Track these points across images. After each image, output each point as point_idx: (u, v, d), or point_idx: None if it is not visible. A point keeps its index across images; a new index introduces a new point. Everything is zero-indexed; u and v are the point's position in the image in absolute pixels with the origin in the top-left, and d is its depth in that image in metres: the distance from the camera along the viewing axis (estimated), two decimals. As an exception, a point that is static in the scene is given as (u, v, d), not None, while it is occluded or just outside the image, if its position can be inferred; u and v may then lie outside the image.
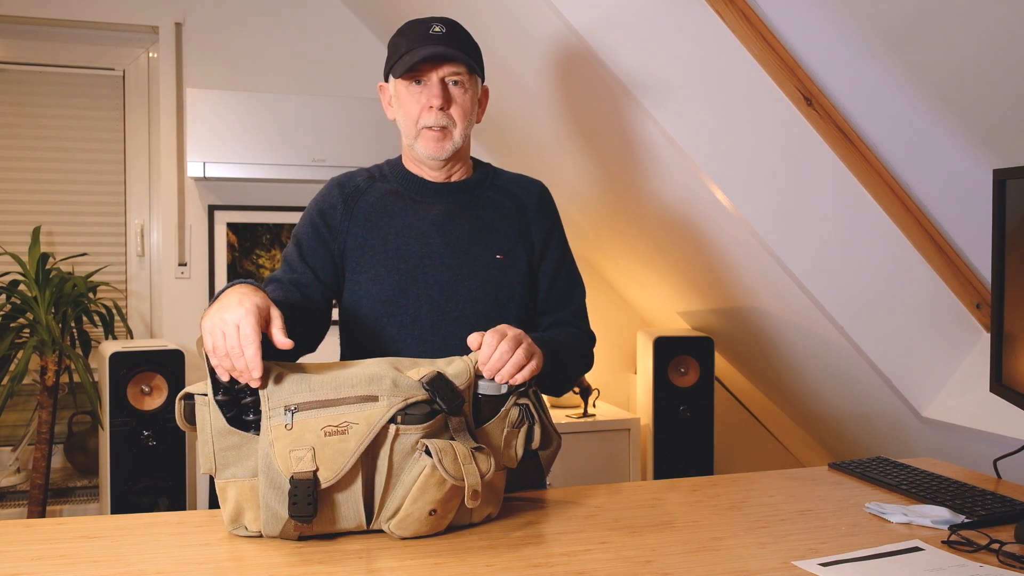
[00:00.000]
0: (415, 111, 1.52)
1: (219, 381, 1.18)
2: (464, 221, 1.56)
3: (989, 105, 2.05)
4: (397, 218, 1.55)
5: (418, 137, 1.53)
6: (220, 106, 2.99)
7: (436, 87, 1.50)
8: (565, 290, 1.64)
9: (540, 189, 1.67)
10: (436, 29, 1.51)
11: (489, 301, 1.54)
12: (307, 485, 1.13)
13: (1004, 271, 1.48)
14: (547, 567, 1.11)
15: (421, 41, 1.50)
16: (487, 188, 1.62)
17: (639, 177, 2.56)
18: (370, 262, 1.53)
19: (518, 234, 1.59)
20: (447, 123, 1.51)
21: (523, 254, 1.59)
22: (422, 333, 1.50)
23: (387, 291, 1.52)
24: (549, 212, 1.66)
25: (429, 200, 1.57)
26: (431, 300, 1.52)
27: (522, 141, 3.08)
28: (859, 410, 2.61)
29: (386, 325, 1.52)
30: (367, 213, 1.56)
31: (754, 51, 2.12)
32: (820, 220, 2.22)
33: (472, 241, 1.55)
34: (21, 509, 3.00)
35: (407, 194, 1.58)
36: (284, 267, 1.57)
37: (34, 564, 1.11)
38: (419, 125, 1.52)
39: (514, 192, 1.63)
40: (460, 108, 1.52)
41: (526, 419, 1.30)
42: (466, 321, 1.51)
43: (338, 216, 1.55)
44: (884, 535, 1.25)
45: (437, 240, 1.54)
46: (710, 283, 2.84)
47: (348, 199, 1.56)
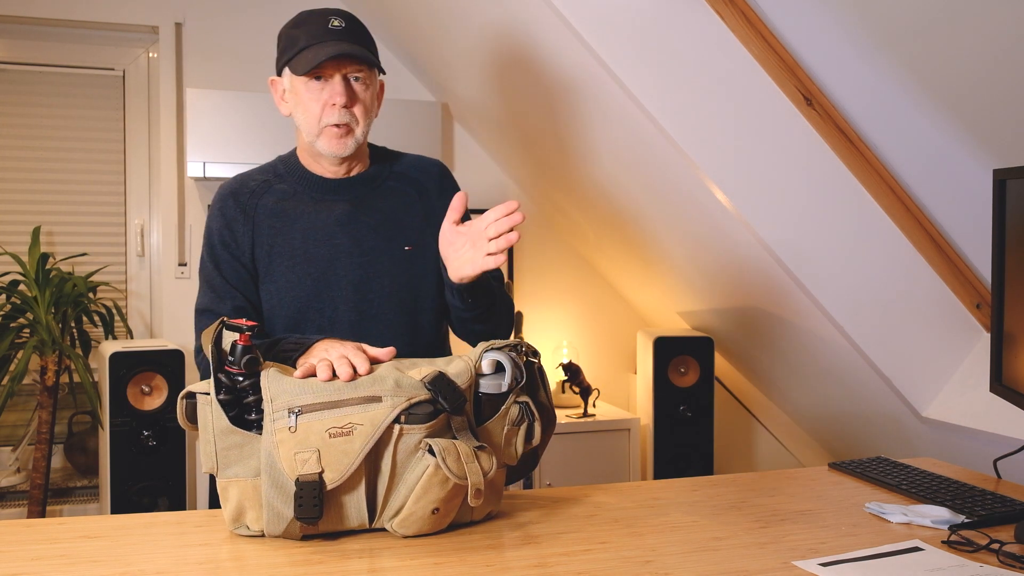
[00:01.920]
0: (316, 109, 1.50)
1: (221, 380, 1.19)
2: (368, 217, 1.55)
3: (989, 105, 2.05)
4: (300, 220, 1.53)
5: (320, 135, 1.51)
6: (220, 106, 2.99)
7: (339, 85, 1.48)
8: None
9: (439, 169, 1.65)
10: (335, 23, 1.49)
11: (404, 294, 1.54)
12: (313, 487, 1.13)
13: (1004, 271, 1.48)
14: (547, 567, 1.11)
15: (321, 36, 1.48)
16: (387, 177, 1.60)
17: (639, 177, 2.56)
18: (279, 268, 1.51)
19: (424, 221, 1.58)
20: (350, 120, 1.50)
21: (431, 241, 1.54)
22: (341, 334, 1.47)
23: (301, 297, 1.50)
24: (450, 190, 1.61)
25: (330, 198, 1.55)
26: (346, 300, 1.51)
27: (522, 142, 3.08)
28: (859, 410, 2.61)
29: (305, 330, 1.51)
30: (268, 219, 1.53)
31: (754, 51, 2.12)
32: (820, 220, 2.22)
33: (379, 236, 1.54)
34: (21, 509, 3.00)
35: (307, 194, 1.56)
36: (211, 296, 1.52)
37: (34, 564, 1.10)
38: (321, 123, 1.50)
39: (414, 177, 1.62)
40: (363, 105, 1.51)
41: (526, 417, 1.30)
42: (383, 317, 1.52)
43: (239, 227, 1.52)
44: (884, 535, 1.25)
45: (344, 239, 1.52)
46: (710, 283, 2.84)
47: (245, 207, 1.54)
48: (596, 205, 3.05)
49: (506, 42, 2.53)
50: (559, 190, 3.21)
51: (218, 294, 1.51)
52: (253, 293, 1.53)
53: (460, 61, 2.92)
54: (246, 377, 1.19)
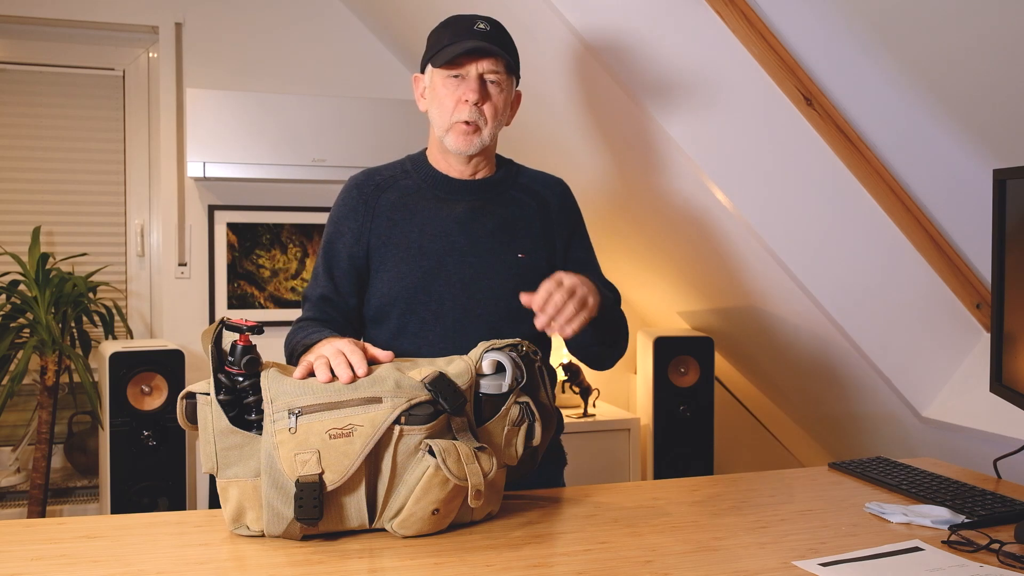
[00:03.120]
0: (450, 104, 1.52)
1: (221, 380, 1.19)
2: (487, 219, 1.57)
3: (989, 105, 2.05)
4: (420, 215, 1.56)
5: (449, 130, 1.53)
6: (220, 106, 2.99)
7: (474, 82, 1.51)
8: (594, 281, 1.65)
9: (562, 188, 1.68)
10: (480, 26, 1.52)
11: (510, 299, 1.53)
12: (313, 488, 1.13)
13: (1004, 271, 1.48)
14: (547, 567, 1.11)
15: (465, 35, 1.51)
16: (510, 186, 1.62)
17: (639, 177, 2.56)
18: (393, 259, 1.54)
19: (540, 233, 1.60)
20: (479, 119, 1.52)
21: (544, 253, 1.60)
22: (444, 330, 1.51)
23: (409, 288, 1.53)
24: (571, 211, 1.67)
25: (453, 197, 1.58)
26: (453, 297, 1.53)
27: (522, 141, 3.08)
28: (859, 410, 2.61)
29: (409, 321, 1.53)
30: (389, 211, 1.56)
31: (754, 51, 2.12)
32: (820, 220, 2.22)
33: (494, 239, 1.56)
34: (21, 509, 3.00)
35: (430, 191, 1.58)
36: (312, 281, 1.61)
37: (34, 564, 1.11)
38: (453, 118, 1.52)
39: (537, 191, 1.64)
40: (493, 106, 1.53)
41: (526, 417, 1.30)
42: (487, 319, 1.53)
43: (359, 218, 1.57)
44: (884, 535, 1.25)
45: (460, 238, 1.54)
46: (710, 283, 2.84)
47: (368, 199, 1.58)
48: (596, 205, 3.06)
49: (506, 42, 2.52)
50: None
51: (316, 281, 1.59)
52: (349, 284, 1.57)
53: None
54: (246, 377, 1.19)
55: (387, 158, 1.68)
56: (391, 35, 3.25)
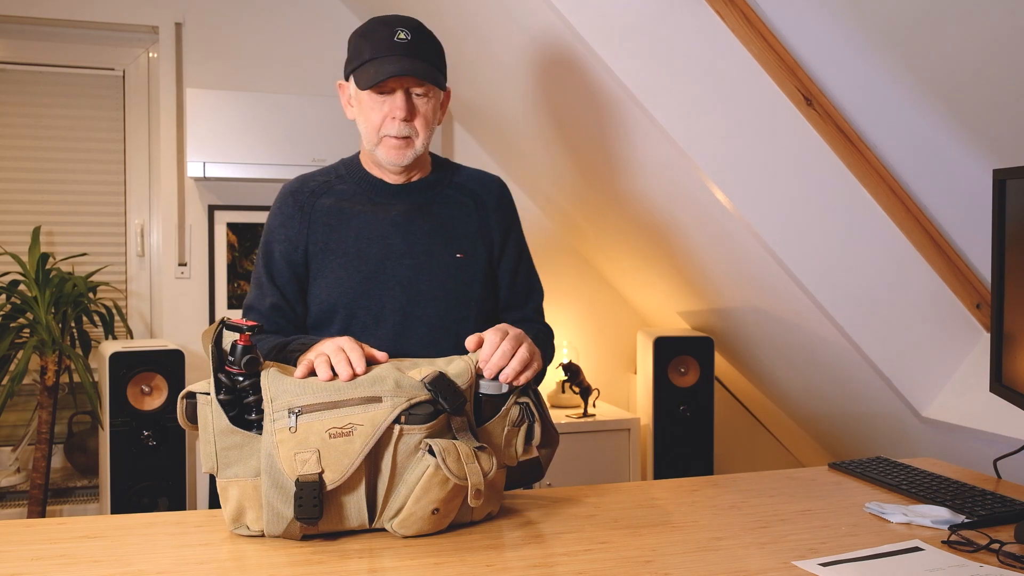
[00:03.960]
0: (377, 119, 1.52)
1: (222, 380, 1.19)
2: (424, 221, 1.57)
3: (989, 105, 2.05)
4: (356, 219, 1.55)
5: (379, 144, 1.53)
6: (220, 106, 2.99)
7: (400, 99, 1.49)
8: (524, 288, 1.67)
9: (499, 185, 1.68)
10: (401, 36, 1.49)
11: (450, 300, 1.55)
12: (313, 487, 1.13)
13: (1004, 271, 1.48)
14: (547, 567, 1.11)
15: (386, 50, 1.48)
16: (446, 186, 1.62)
17: (639, 177, 2.56)
18: (331, 265, 1.54)
19: (477, 232, 1.61)
20: (410, 133, 1.51)
21: (482, 252, 1.60)
22: (385, 333, 1.51)
23: (349, 293, 1.53)
24: (508, 209, 1.67)
25: (389, 201, 1.58)
26: (393, 300, 1.53)
27: (522, 141, 3.08)
28: (859, 410, 2.61)
29: (350, 326, 1.53)
30: (325, 216, 1.56)
31: (754, 51, 2.12)
32: (820, 220, 2.22)
33: (432, 241, 1.56)
34: (21, 509, 3.00)
35: (365, 195, 1.58)
36: (256, 292, 1.58)
37: (34, 564, 1.11)
38: (381, 133, 1.52)
39: (473, 189, 1.64)
40: (423, 119, 1.52)
41: (526, 418, 1.30)
42: (428, 320, 1.53)
43: (295, 224, 1.56)
44: (884, 535, 1.25)
45: (397, 240, 1.54)
46: (710, 283, 2.84)
47: (303, 205, 1.57)
48: (596, 205, 3.06)
49: (506, 43, 2.53)
50: (559, 190, 3.21)
51: (261, 291, 1.57)
52: (294, 292, 1.56)
53: (461, 62, 2.92)
54: (246, 377, 1.19)
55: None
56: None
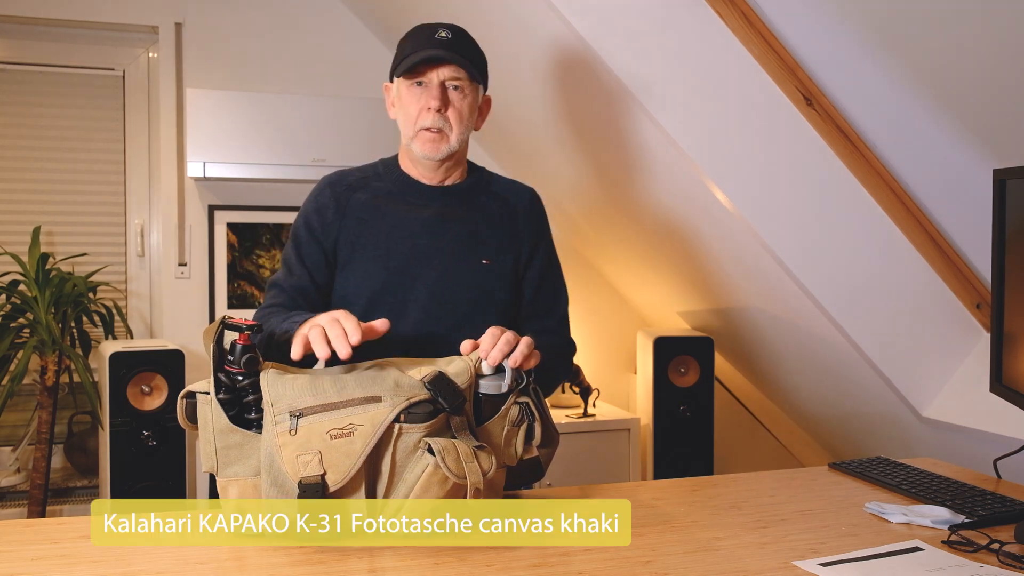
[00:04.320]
0: (414, 111, 1.55)
1: (221, 380, 1.19)
2: (454, 225, 1.59)
3: (989, 105, 2.05)
4: (389, 217, 1.58)
5: (415, 137, 1.55)
6: (220, 106, 2.99)
7: (436, 89, 1.52)
8: (549, 299, 1.68)
9: (531, 196, 1.69)
10: (442, 34, 1.54)
11: (473, 304, 1.57)
12: (316, 489, 1.14)
13: (1004, 271, 1.48)
14: (547, 567, 1.11)
15: (426, 45, 1.53)
16: (480, 193, 1.64)
17: (639, 177, 2.56)
18: (359, 259, 1.56)
19: (507, 240, 1.62)
20: (443, 125, 1.54)
21: (510, 260, 1.61)
22: (407, 330, 1.52)
23: (374, 288, 1.55)
24: (538, 219, 1.68)
25: (422, 202, 1.60)
26: (417, 299, 1.54)
27: (523, 141, 3.08)
28: (859, 410, 2.61)
29: (372, 319, 1.52)
30: (359, 211, 1.58)
31: (754, 51, 2.12)
32: (820, 220, 2.22)
33: (460, 245, 1.58)
34: (21, 509, 3.00)
35: (400, 195, 1.60)
36: (284, 271, 1.60)
37: (34, 564, 1.11)
38: (417, 125, 1.54)
39: (506, 198, 1.66)
40: (457, 112, 1.54)
41: (526, 417, 1.30)
42: (450, 323, 1.54)
43: (330, 214, 1.58)
44: (884, 535, 1.25)
45: (426, 241, 1.56)
46: (710, 283, 2.84)
47: (339, 197, 1.59)
48: (596, 205, 3.06)
49: (507, 43, 2.53)
50: (559, 190, 3.21)
51: (290, 271, 1.58)
52: (322, 275, 1.58)
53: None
54: (245, 376, 1.19)
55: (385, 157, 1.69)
56: (391, 35, 3.25)
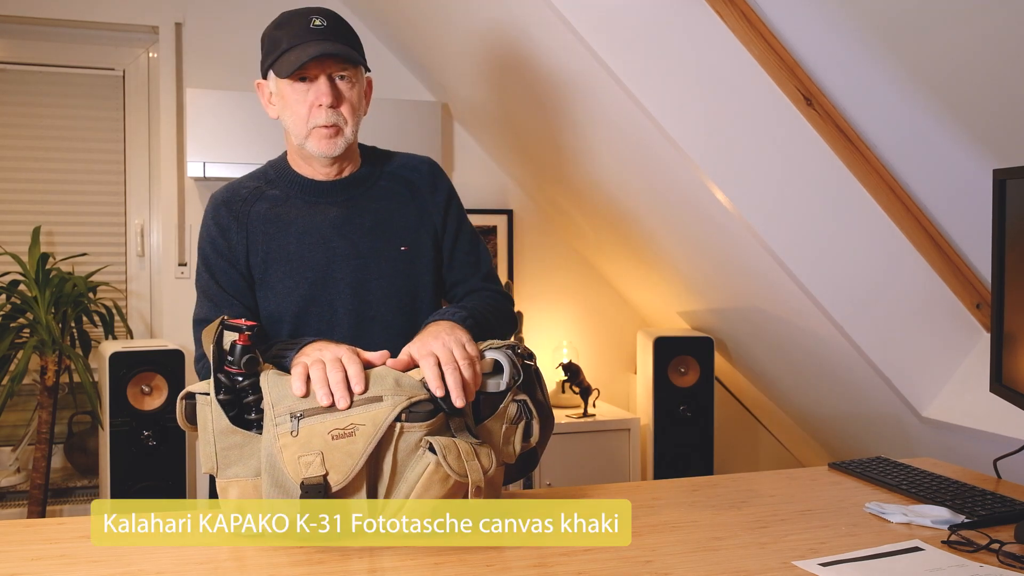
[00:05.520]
0: (303, 110, 1.48)
1: (221, 380, 1.18)
2: (362, 218, 1.54)
3: (989, 105, 2.05)
4: (294, 225, 1.51)
5: (309, 136, 1.49)
6: (220, 106, 2.99)
7: (324, 85, 1.46)
8: (469, 257, 1.62)
9: (429, 166, 1.64)
10: (317, 22, 1.47)
11: (402, 295, 1.53)
12: (318, 490, 1.13)
13: (1004, 271, 1.48)
14: (547, 567, 1.11)
15: (303, 37, 1.46)
16: (379, 177, 1.59)
17: (639, 177, 2.56)
18: (276, 274, 1.50)
19: (418, 220, 1.57)
20: (338, 120, 1.48)
21: (427, 239, 1.56)
22: (340, 337, 1.46)
23: (298, 302, 1.49)
24: (442, 187, 1.62)
25: (323, 201, 1.54)
26: (344, 303, 1.50)
27: (523, 142, 3.08)
28: (859, 410, 2.61)
29: (304, 333, 1.49)
30: (262, 225, 1.51)
31: (754, 51, 2.12)
32: (820, 220, 2.22)
33: (374, 237, 1.53)
34: (21, 509, 3.00)
35: (299, 198, 1.54)
36: (207, 305, 1.50)
37: (34, 564, 1.10)
38: (310, 124, 1.48)
39: (406, 176, 1.60)
40: (350, 104, 1.49)
41: (524, 415, 1.30)
42: (382, 319, 1.51)
43: (233, 235, 1.51)
44: (884, 535, 1.25)
45: (339, 242, 1.51)
46: (710, 283, 2.84)
47: (238, 216, 1.52)
48: (596, 205, 3.05)
49: (507, 43, 2.52)
50: (559, 190, 3.21)
51: (215, 303, 1.50)
52: (250, 299, 1.52)
53: (460, 61, 2.92)
54: (245, 377, 1.19)
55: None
56: (391, 35, 3.25)
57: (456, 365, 1.22)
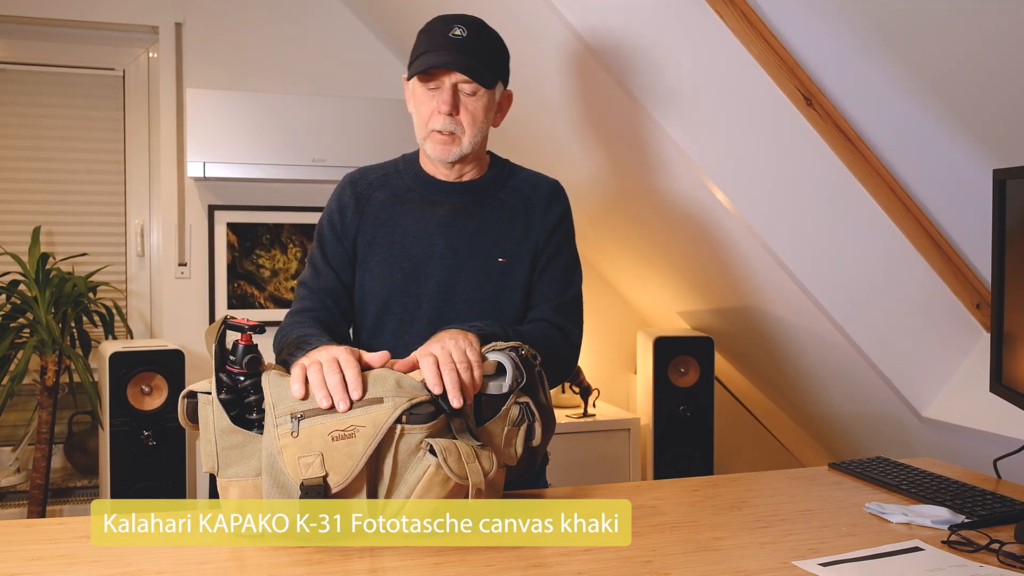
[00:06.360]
0: (426, 113, 1.53)
1: (223, 380, 1.19)
2: (468, 223, 1.57)
3: (990, 105, 2.05)
4: (406, 217, 1.57)
5: (427, 138, 1.54)
6: (220, 106, 2.99)
7: (447, 92, 1.50)
8: (552, 285, 1.60)
9: (551, 187, 1.65)
10: (457, 32, 1.51)
11: (488, 303, 1.55)
12: (318, 491, 1.13)
13: (1004, 271, 1.48)
14: (547, 567, 1.11)
15: (440, 44, 1.50)
16: (499, 188, 1.61)
17: (639, 177, 2.56)
18: (376, 259, 1.56)
19: (523, 235, 1.58)
20: (455, 128, 1.51)
21: (527, 256, 1.58)
22: (420, 331, 1.50)
23: (389, 289, 1.55)
24: (556, 208, 1.62)
25: (438, 200, 1.58)
26: (430, 300, 1.54)
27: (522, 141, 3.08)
28: (859, 410, 2.61)
29: (387, 321, 1.55)
30: (377, 211, 1.58)
31: (754, 51, 2.12)
32: (820, 220, 2.22)
33: (474, 243, 1.56)
34: (21, 509, 3.00)
35: (418, 192, 1.59)
36: (311, 271, 1.61)
37: (34, 564, 1.10)
38: (428, 127, 1.53)
39: (524, 192, 1.62)
40: (470, 115, 1.52)
41: (526, 417, 1.30)
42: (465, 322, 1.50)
43: (350, 214, 1.59)
44: (884, 535, 1.25)
45: (439, 241, 1.55)
46: (710, 283, 2.84)
47: (360, 197, 1.59)
48: (596, 205, 3.05)
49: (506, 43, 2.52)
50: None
51: (316, 271, 1.58)
52: (348, 275, 1.59)
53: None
54: (247, 376, 1.19)
55: (386, 158, 1.69)
56: (391, 35, 3.25)
57: (454, 366, 1.22)
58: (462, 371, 1.22)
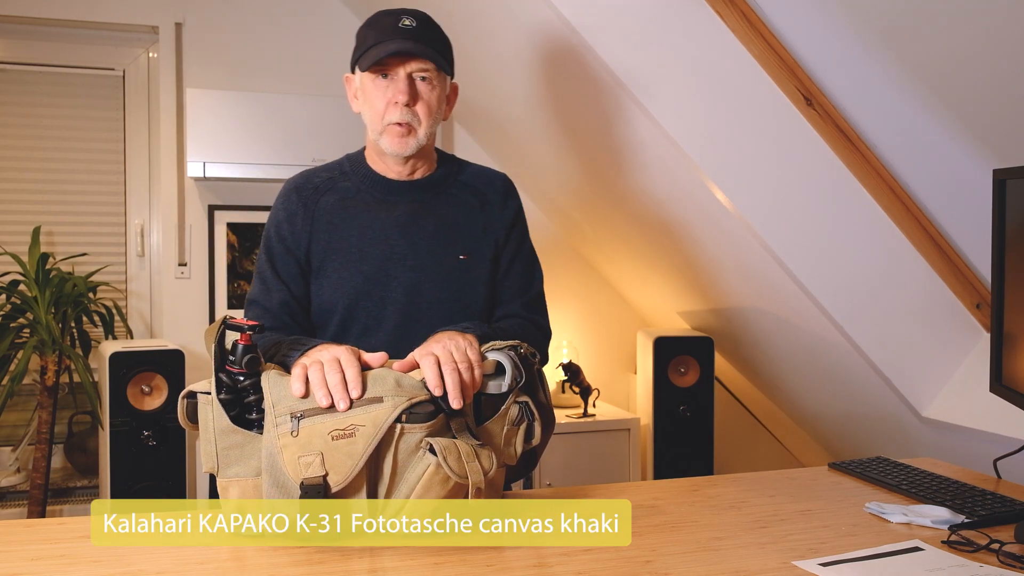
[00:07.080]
0: (380, 106, 1.50)
1: (223, 380, 1.19)
2: (427, 221, 1.55)
3: (989, 105, 2.05)
4: (359, 219, 1.53)
5: (383, 133, 1.51)
6: (220, 106, 2.99)
7: (403, 82, 1.48)
8: (518, 282, 1.61)
9: (503, 182, 1.65)
10: (406, 22, 1.49)
11: (453, 302, 1.53)
12: (318, 490, 1.13)
13: (1004, 271, 1.48)
14: (547, 567, 1.11)
15: (390, 35, 1.48)
16: (451, 185, 1.60)
17: (639, 177, 2.56)
18: (333, 265, 1.52)
19: (481, 232, 1.58)
20: (411, 119, 1.49)
21: (487, 252, 1.57)
22: (385, 335, 1.49)
23: (350, 294, 1.51)
24: (512, 205, 1.63)
25: (391, 199, 1.55)
26: (395, 302, 1.51)
27: (523, 141, 3.08)
28: (859, 410, 2.61)
29: (351, 327, 1.51)
30: (328, 215, 1.54)
31: (754, 51, 2.12)
32: (820, 220, 2.22)
33: (435, 242, 1.54)
34: (21, 509, 3.00)
35: (369, 193, 1.56)
36: (260, 287, 1.54)
37: (34, 564, 1.10)
38: (384, 120, 1.50)
39: (477, 187, 1.61)
40: (426, 105, 1.50)
41: (525, 417, 1.30)
42: (430, 323, 1.50)
43: (299, 221, 1.53)
44: (884, 535, 1.25)
45: (400, 241, 1.52)
46: (710, 283, 2.84)
47: (307, 203, 1.54)
48: (596, 205, 3.06)
49: (506, 43, 2.53)
50: (559, 190, 3.21)
51: (267, 286, 1.53)
52: (300, 288, 1.54)
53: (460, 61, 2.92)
54: (247, 376, 1.19)
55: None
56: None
57: (455, 366, 1.22)
58: (463, 371, 1.22)
